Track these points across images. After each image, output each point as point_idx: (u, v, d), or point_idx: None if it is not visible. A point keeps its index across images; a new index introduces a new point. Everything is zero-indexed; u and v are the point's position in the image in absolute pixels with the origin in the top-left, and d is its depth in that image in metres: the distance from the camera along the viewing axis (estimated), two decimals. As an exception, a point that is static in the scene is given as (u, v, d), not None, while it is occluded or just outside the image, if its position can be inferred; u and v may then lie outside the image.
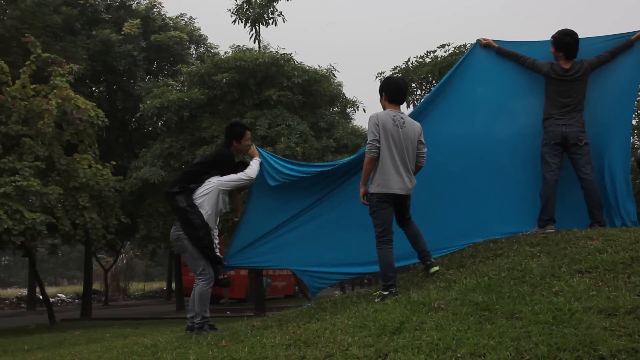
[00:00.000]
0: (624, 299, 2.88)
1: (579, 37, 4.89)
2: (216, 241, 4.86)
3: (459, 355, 2.49)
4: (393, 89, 4.43)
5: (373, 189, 4.27)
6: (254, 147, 5.27)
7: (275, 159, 5.32)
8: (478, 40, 5.22)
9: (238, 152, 5.16)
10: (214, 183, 4.82)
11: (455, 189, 5.09)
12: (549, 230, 4.67)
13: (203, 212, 4.74)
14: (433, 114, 5.11)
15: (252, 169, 4.96)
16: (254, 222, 5.33)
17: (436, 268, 4.38)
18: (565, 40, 4.86)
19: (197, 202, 4.76)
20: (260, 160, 5.11)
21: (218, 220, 4.94)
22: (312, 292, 5.51)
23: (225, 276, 4.97)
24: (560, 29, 4.96)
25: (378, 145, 4.22)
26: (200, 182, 4.87)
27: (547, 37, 5.06)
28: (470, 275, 3.88)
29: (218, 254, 4.88)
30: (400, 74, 12.94)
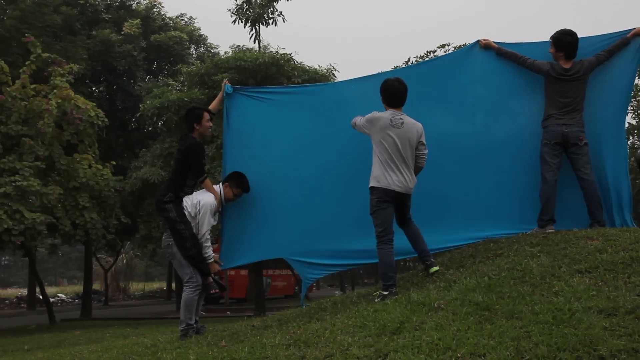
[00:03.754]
0: (624, 299, 2.88)
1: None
2: (210, 251, 4.82)
3: (459, 355, 2.49)
4: (387, 92, 4.47)
5: (373, 183, 4.29)
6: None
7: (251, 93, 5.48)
8: (478, 41, 5.22)
9: (201, 137, 5.05)
10: (198, 199, 4.83)
11: (454, 188, 5.08)
12: (549, 230, 4.66)
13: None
14: (432, 112, 5.07)
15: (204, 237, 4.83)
16: (240, 214, 5.21)
17: (436, 268, 4.38)
18: (566, 40, 4.86)
19: (186, 213, 4.76)
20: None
21: (209, 232, 4.87)
22: (304, 283, 5.41)
23: (216, 291, 4.90)
24: (558, 29, 4.96)
25: (356, 126, 4.61)
26: (187, 182, 4.86)
27: (536, 39, 5.07)
28: (470, 275, 3.88)
29: (212, 260, 4.83)
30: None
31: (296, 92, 5.74)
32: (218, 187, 5.01)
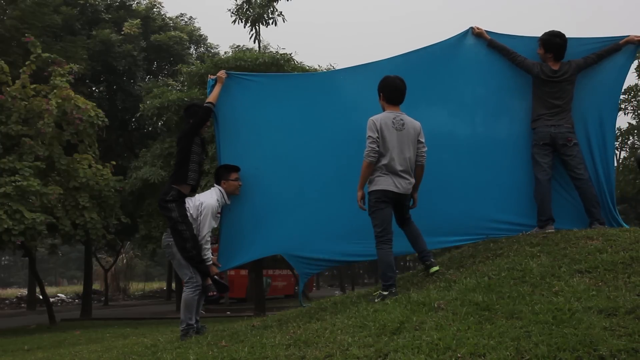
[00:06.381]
0: (624, 299, 2.88)
1: (567, 37, 4.88)
2: (209, 254, 4.80)
3: (459, 355, 2.49)
4: (389, 90, 4.38)
5: (371, 187, 4.26)
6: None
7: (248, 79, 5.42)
8: (471, 28, 5.13)
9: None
10: (199, 202, 4.83)
11: (453, 185, 5.03)
12: (549, 230, 4.66)
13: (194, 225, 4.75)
14: (426, 107, 5.01)
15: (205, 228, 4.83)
16: (236, 214, 5.14)
17: (436, 268, 4.37)
18: (555, 42, 4.85)
19: (188, 214, 4.74)
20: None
21: (210, 234, 4.85)
22: (302, 278, 5.41)
23: (215, 293, 4.89)
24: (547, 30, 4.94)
25: (377, 149, 4.17)
26: (190, 174, 4.84)
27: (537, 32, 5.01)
28: (470, 275, 3.88)
29: (211, 262, 4.82)
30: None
31: (289, 82, 5.61)
32: (217, 192, 4.94)
